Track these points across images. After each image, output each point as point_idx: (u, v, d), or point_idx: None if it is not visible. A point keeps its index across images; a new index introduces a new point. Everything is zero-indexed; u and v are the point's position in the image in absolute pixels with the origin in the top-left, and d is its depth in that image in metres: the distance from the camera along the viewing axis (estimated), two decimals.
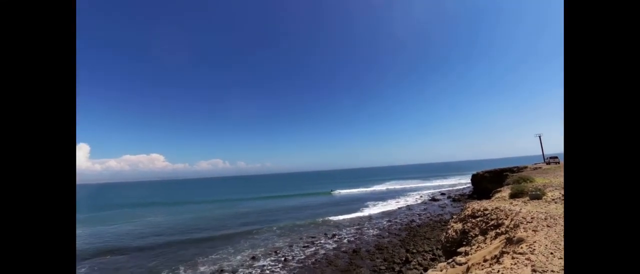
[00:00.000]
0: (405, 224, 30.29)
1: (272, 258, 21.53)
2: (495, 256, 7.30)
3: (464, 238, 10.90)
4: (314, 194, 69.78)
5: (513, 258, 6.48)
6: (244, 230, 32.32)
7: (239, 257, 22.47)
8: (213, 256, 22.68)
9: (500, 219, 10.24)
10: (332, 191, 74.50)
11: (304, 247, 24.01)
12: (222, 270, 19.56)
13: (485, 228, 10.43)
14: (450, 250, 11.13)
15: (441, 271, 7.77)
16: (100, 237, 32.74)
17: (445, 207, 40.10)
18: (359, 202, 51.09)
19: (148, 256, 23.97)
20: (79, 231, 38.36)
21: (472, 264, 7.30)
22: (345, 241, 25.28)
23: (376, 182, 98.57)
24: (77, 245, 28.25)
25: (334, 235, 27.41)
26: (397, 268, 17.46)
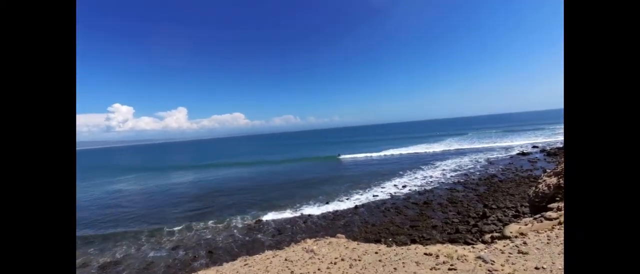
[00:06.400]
0: (485, 179, 28.01)
1: (346, 205, 23.28)
2: None
3: (557, 193, 9.68)
4: (373, 149, 68.71)
5: None
6: (320, 180, 35.31)
7: (311, 202, 25.04)
8: (291, 203, 25.78)
9: None
10: (390, 149, 69.50)
11: (373, 196, 25.02)
12: (301, 214, 22.28)
13: None
14: (540, 206, 10.10)
15: (526, 225, 7.26)
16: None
17: (536, 162, 35.07)
18: (432, 157, 48.92)
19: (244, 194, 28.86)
20: (188, 178, 48.00)
21: None
22: (415, 193, 25.25)
23: (452, 135, 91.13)
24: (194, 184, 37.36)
25: (404, 186, 27.55)
26: (472, 222, 16.83)
